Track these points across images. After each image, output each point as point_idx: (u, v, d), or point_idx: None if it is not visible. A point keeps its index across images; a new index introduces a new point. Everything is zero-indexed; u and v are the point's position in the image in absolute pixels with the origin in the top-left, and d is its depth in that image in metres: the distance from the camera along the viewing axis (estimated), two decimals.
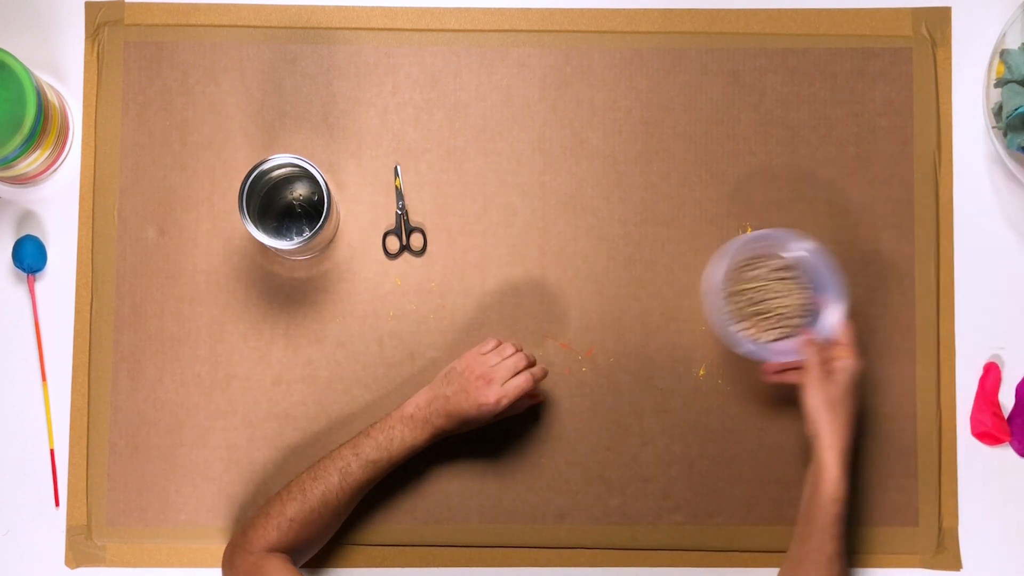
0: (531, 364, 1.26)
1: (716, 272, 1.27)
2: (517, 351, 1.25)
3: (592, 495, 1.34)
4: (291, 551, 1.20)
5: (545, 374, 1.28)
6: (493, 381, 1.22)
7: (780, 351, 1.28)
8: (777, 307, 1.30)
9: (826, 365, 1.24)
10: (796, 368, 1.26)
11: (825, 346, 1.25)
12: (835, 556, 1.20)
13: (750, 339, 1.29)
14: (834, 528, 1.20)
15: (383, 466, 1.23)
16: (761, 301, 1.30)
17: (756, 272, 1.30)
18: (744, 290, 1.30)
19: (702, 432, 1.34)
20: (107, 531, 1.33)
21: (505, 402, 1.22)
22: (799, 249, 1.28)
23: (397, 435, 1.23)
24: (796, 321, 1.30)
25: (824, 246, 1.27)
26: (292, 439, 1.34)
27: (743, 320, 1.30)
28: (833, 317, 1.26)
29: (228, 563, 1.21)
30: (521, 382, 1.23)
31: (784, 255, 1.30)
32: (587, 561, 1.34)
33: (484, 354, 1.25)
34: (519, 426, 1.34)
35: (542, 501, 1.34)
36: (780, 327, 1.30)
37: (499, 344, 1.26)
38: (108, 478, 1.33)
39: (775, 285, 1.30)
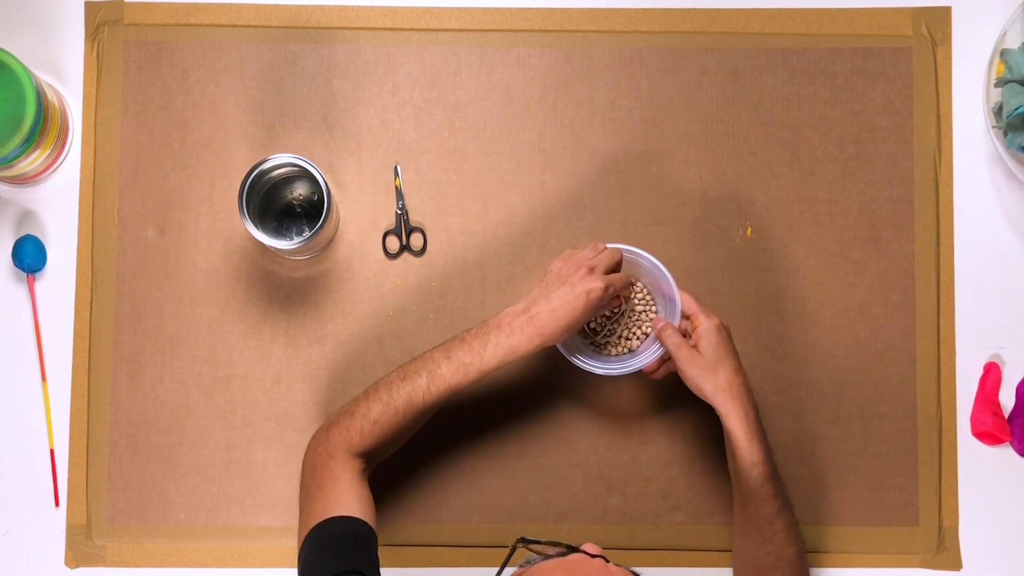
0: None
1: None
2: (613, 252, 1.22)
3: (592, 495, 1.34)
4: (371, 452, 1.18)
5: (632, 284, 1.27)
6: (596, 269, 1.18)
7: (645, 354, 1.26)
8: (623, 316, 1.29)
9: (689, 339, 1.22)
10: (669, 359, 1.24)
11: (680, 325, 1.24)
12: (774, 515, 1.19)
13: (614, 359, 1.28)
14: (764, 490, 1.18)
15: (475, 370, 1.16)
16: (605, 317, 1.29)
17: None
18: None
19: (702, 432, 1.34)
20: (107, 531, 1.33)
21: (612, 290, 1.17)
22: (627, 254, 1.26)
23: (492, 339, 1.16)
24: (645, 320, 1.29)
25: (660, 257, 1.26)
26: (292, 439, 1.33)
27: (595, 344, 1.29)
28: (674, 297, 1.24)
29: (308, 459, 1.20)
30: (624, 275, 1.21)
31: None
32: None
33: (576, 251, 1.22)
34: (519, 426, 1.34)
35: (542, 501, 1.33)
36: (631, 334, 1.29)
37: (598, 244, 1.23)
38: (108, 478, 1.33)
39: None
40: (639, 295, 1.30)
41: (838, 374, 1.35)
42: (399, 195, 1.35)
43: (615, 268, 1.23)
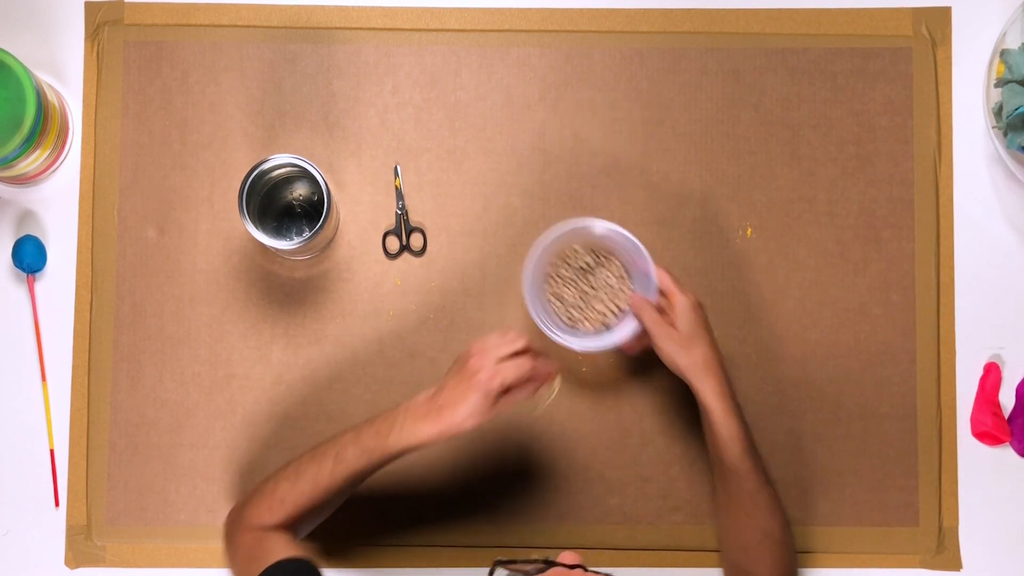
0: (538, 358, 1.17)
1: (530, 278, 1.24)
2: (524, 340, 1.15)
3: (592, 495, 1.34)
4: (287, 528, 1.18)
5: (552, 374, 1.18)
6: (488, 355, 1.12)
7: (621, 330, 1.25)
8: (599, 292, 1.30)
9: (665, 316, 1.21)
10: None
11: (657, 302, 1.22)
12: (755, 490, 1.19)
13: (590, 335, 1.28)
14: (743, 464, 1.18)
15: (378, 456, 1.14)
16: (582, 292, 1.30)
17: (569, 266, 1.29)
18: (562, 286, 1.29)
19: (702, 432, 1.34)
20: (107, 531, 1.33)
21: (498, 381, 1.11)
22: (601, 229, 1.25)
23: (397, 426, 1.13)
24: (621, 297, 1.29)
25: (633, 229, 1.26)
26: (292, 439, 1.34)
27: (571, 318, 1.29)
28: (650, 273, 1.24)
29: (229, 539, 1.19)
30: (521, 363, 1.13)
31: (593, 234, 1.27)
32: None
33: (488, 339, 1.16)
34: (519, 426, 1.34)
35: (542, 501, 1.33)
36: (607, 310, 1.29)
37: (508, 332, 1.16)
38: (108, 478, 1.33)
39: (592, 276, 1.30)
40: (615, 271, 1.30)
41: (838, 374, 1.35)
42: (399, 195, 1.35)
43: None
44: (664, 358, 1.20)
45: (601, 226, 1.25)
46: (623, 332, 1.24)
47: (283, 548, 1.14)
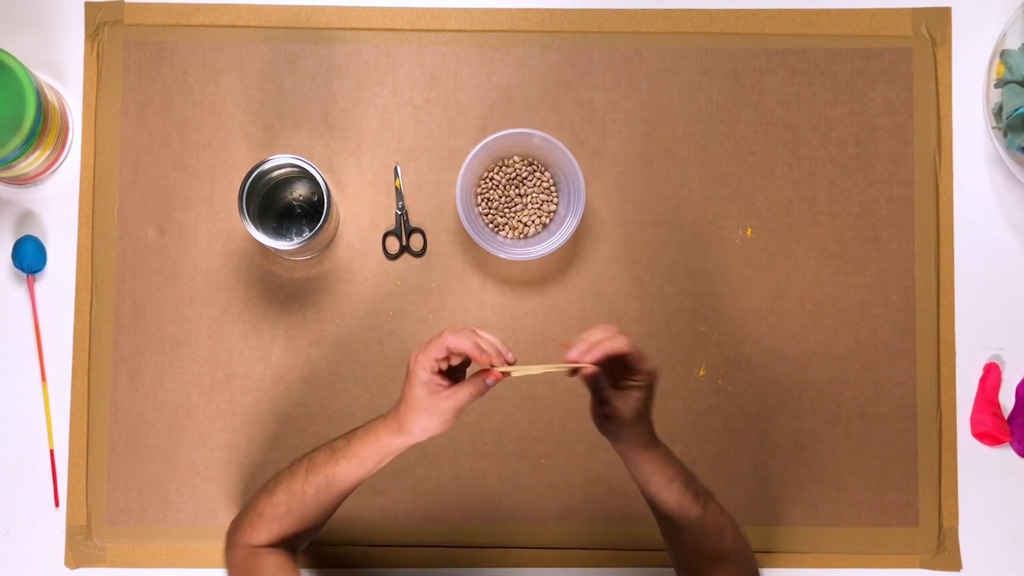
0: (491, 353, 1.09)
1: (463, 176, 1.28)
2: (455, 332, 1.07)
3: (592, 496, 1.34)
4: (275, 544, 1.17)
5: (502, 356, 1.09)
6: (418, 352, 1.08)
7: (541, 245, 1.28)
8: (526, 202, 1.34)
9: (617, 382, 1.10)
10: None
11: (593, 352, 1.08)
12: (701, 516, 1.13)
13: (510, 243, 1.32)
14: (684, 498, 1.13)
15: (343, 455, 1.13)
16: (509, 200, 1.34)
17: (503, 171, 1.34)
18: (491, 188, 1.33)
19: (702, 432, 1.34)
20: (107, 531, 1.33)
21: (425, 362, 1.06)
22: (540, 141, 1.28)
23: (372, 434, 1.12)
24: (545, 211, 1.33)
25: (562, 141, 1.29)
26: (292, 439, 1.34)
27: (495, 223, 1.34)
28: (580, 192, 1.26)
29: (225, 556, 1.20)
30: (441, 339, 1.06)
31: (531, 143, 1.30)
32: (587, 561, 1.34)
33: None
34: (519, 427, 1.34)
35: (542, 501, 1.34)
36: (530, 222, 1.34)
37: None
38: (108, 478, 1.33)
39: (523, 185, 1.34)
40: (545, 184, 1.33)
41: (838, 374, 1.35)
42: (399, 195, 1.35)
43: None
44: (603, 427, 1.11)
45: (540, 137, 1.28)
46: (543, 248, 1.28)
47: (272, 568, 1.14)
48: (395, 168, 1.36)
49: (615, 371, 1.10)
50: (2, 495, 1.33)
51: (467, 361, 1.10)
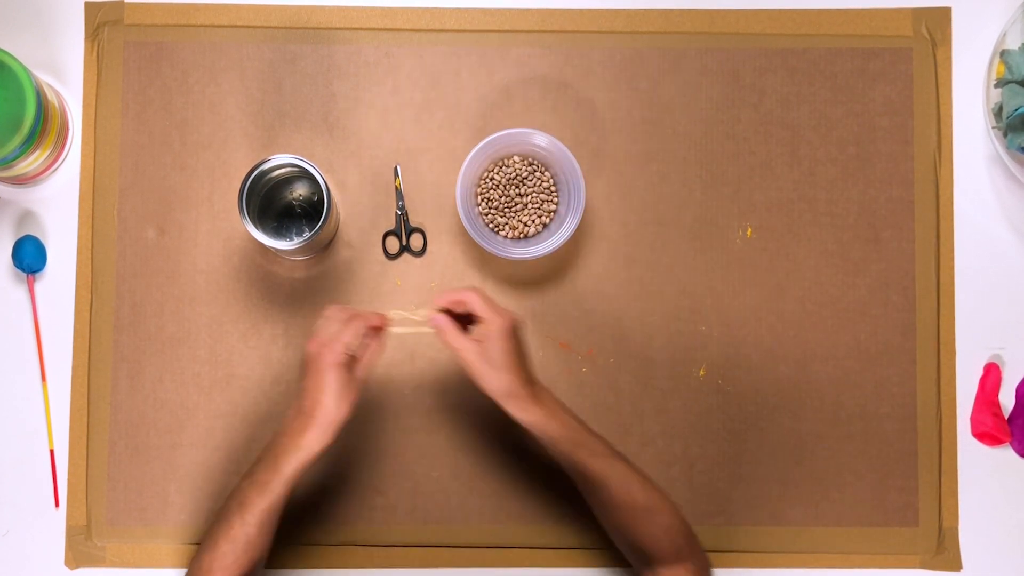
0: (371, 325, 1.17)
1: (464, 176, 1.28)
2: (342, 309, 1.17)
3: None
4: None
5: (385, 320, 1.18)
6: (319, 338, 1.14)
7: (542, 244, 1.29)
8: (526, 202, 1.34)
9: (478, 340, 1.16)
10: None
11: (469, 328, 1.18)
12: (603, 471, 1.17)
13: (510, 242, 1.32)
14: (579, 455, 1.16)
15: (277, 483, 1.14)
16: (509, 200, 1.34)
17: (503, 171, 1.34)
18: (491, 188, 1.33)
19: (702, 432, 1.34)
20: (107, 531, 1.33)
21: (339, 348, 1.13)
22: (540, 141, 1.29)
23: (280, 448, 1.14)
24: (546, 211, 1.34)
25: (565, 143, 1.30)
26: None
27: (495, 223, 1.34)
28: (580, 190, 1.28)
29: None
30: (353, 324, 1.14)
31: (531, 142, 1.31)
32: (587, 561, 1.34)
33: (315, 329, 1.17)
34: (519, 427, 1.34)
35: (542, 502, 1.33)
36: (532, 224, 1.34)
37: (326, 310, 1.18)
38: (108, 478, 1.33)
39: (523, 185, 1.34)
40: (545, 184, 1.33)
41: (838, 374, 1.35)
42: (399, 195, 1.35)
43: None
44: (476, 383, 1.16)
45: (540, 137, 1.28)
46: (544, 247, 1.28)
47: None
48: (395, 168, 1.36)
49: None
50: (2, 495, 1.33)
51: None
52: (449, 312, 1.18)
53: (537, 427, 1.16)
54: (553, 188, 1.34)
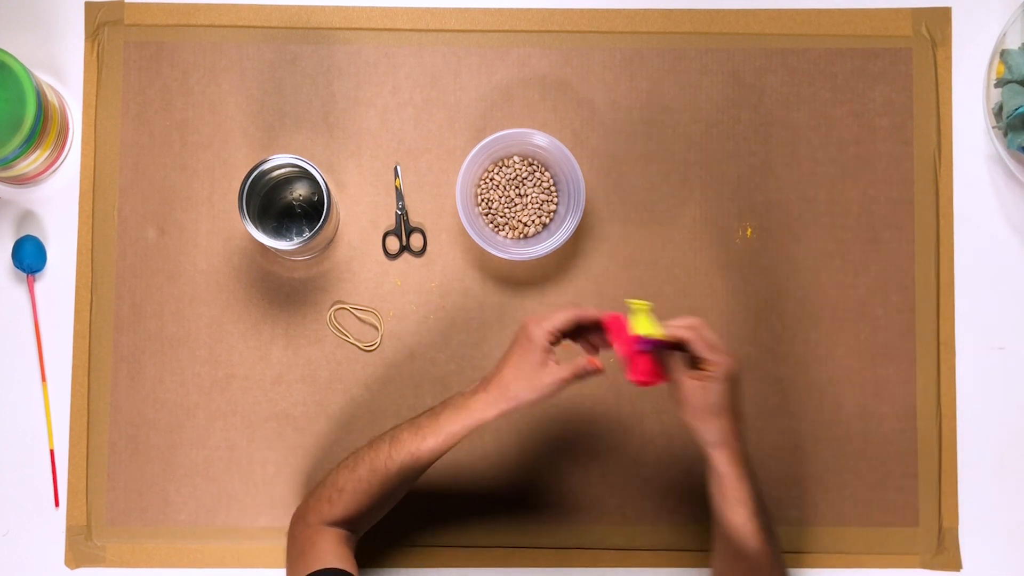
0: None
1: (464, 177, 1.28)
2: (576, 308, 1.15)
3: (592, 496, 1.34)
4: (346, 520, 1.18)
5: (604, 319, 1.14)
6: (537, 317, 1.13)
7: (541, 245, 1.29)
8: (526, 202, 1.34)
9: (696, 368, 1.13)
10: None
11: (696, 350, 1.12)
12: (760, 549, 1.14)
13: (511, 243, 1.32)
14: (751, 525, 1.14)
15: (431, 432, 1.15)
16: (509, 200, 1.34)
17: (503, 171, 1.34)
18: (491, 189, 1.33)
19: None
20: (107, 531, 1.33)
21: (547, 326, 1.12)
22: (540, 141, 1.29)
23: (452, 404, 1.16)
24: (545, 211, 1.34)
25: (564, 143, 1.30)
26: (292, 439, 1.34)
27: (495, 224, 1.34)
28: (580, 193, 1.28)
29: (290, 534, 1.21)
30: (569, 311, 1.13)
31: (531, 142, 1.31)
32: (587, 561, 1.34)
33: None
34: (519, 428, 1.34)
35: (542, 502, 1.33)
36: (532, 224, 1.34)
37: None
38: (108, 478, 1.33)
39: (523, 185, 1.34)
40: (545, 184, 1.33)
41: (838, 374, 1.35)
42: (399, 195, 1.35)
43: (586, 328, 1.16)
44: (685, 419, 1.13)
45: (540, 137, 1.28)
46: (543, 248, 1.28)
47: (330, 551, 1.15)
48: (395, 168, 1.36)
49: (694, 361, 1.13)
50: (2, 495, 1.33)
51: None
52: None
53: (734, 479, 1.13)
54: (553, 188, 1.34)
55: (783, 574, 1.19)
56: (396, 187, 1.35)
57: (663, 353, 1.13)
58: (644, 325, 1.12)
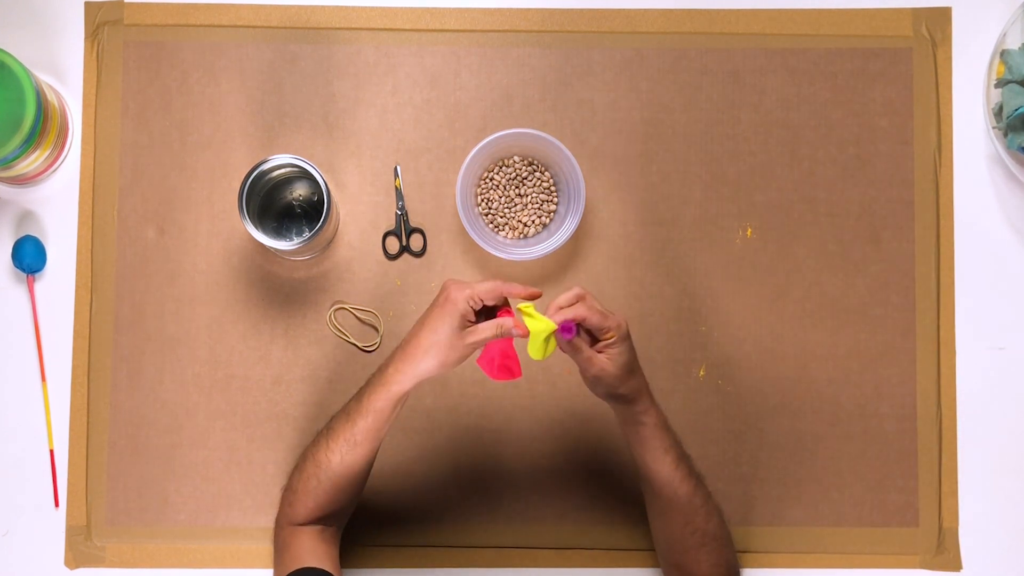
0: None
1: (464, 176, 1.28)
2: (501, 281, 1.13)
3: (592, 495, 1.34)
4: (315, 519, 1.18)
5: (526, 295, 1.13)
6: (461, 282, 1.11)
7: (540, 245, 1.29)
8: (526, 202, 1.34)
9: (598, 345, 1.12)
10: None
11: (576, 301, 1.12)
12: (691, 493, 1.17)
13: (510, 243, 1.32)
14: (678, 472, 1.16)
15: (358, 414, 1.14)
16: (509, 200, 1.34)
17: (503, 171, 1.34)
18: (491, 189, 1.33)
19: (702, 432, 1.34)
20: (107, 531, 1.33)
21: (468, 292, 1.09)
22: (540, 141, 1.29)
23: (373, 379, 1.15)
24: (546, 211, 1.34)
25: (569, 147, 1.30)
26: (292, 439, 1.34)
27: (495, 223, 1.34)
28: (580, 193, 1.28)
29: (273, 538, 1.22)
30: (495, 284, 1.10)
31: (531, 142, 1.31)
32: (587, 561, 1.34)
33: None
34: (519, 427, 1.34)
35: (542, 502, 1.33)
36: (532, 224, 1.34)
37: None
38: (108, 478, 1.33)
39: (523, 185, 1.34)
40: (545, 184, 1.34)
41: (838, 374, 1.35)
42: (399, 196, 1.35)
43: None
44: (602, 391, 1.14)
45: (540, 137, 1.29)
46: (543, 248, 1.28)
47: (306, 549, 1.16)
48: (395, 168, 1.36)
49: (591, 333, 1.13)
50: (2, 495, 1.33)
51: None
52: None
53: (657, 428, 1.16)
54: (553, 188, 1.34)
55: (718, 514, 1.21)
56: (396, 187, 1.35)
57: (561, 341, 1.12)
58: (534, 327, 1.10)
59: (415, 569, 1.33)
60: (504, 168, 1.33)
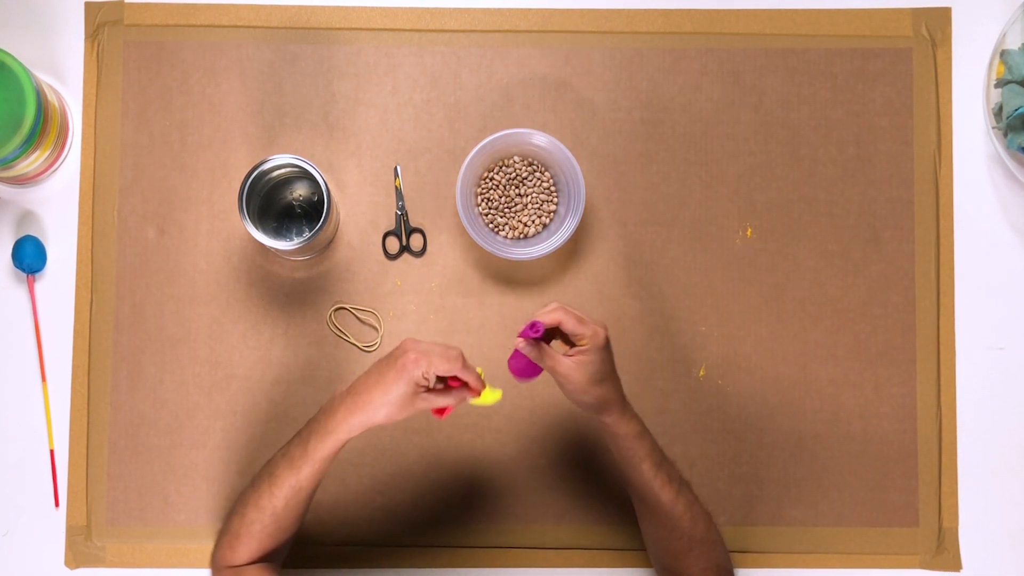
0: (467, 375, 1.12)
1: (464, 175, 1.28)
2: (460, 355, 1.11)
3: (592, 496, 1.34)
4: (256, 560, 1.18)
5: (476, 388, 1.13)
6: (420, 347, 1.09)
7: (540, 245, 1.29)
8: (526, 202, 1.34)
9: (567, 352, 1.12)
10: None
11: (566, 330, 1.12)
12: (674, 499, 1.17)
13: (510, 243, 1.33)
14: (658, 478, 1.16)
15: (304, 461, 1.13)
16: (509, 200, 1.34)
17: (503, 171, 1.34)
18: (491, 188, 1.34)
19: (702, 432, 1.34)
20: (107, 531, 1.33)
21: (424, 364, 1.07)
22: (541, 140, 1.29)
23: (316, 426, 1.13)
24: (545, 211, 1.34)
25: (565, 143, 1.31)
26: None
27: (495, 223, 1.34)
28: (580, 194, 1.28)
29: None
30: (451, 356, 1.09)
31: (531, 142, 1.31)
32: (587, 561, 1.34)
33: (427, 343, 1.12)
34: (519, 426, 1.34)
35: (542, 502, 1.34)
36: (532, 224, 1.34)
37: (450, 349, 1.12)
38: (108, 478, 1.33)
39: (523, 186, 1.34)
40: (545, 184, 1.34)
41: (838, 374, 1.35)
42: (399, 196, 1.35)
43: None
44: (574, 397, 1.14)
45: (540, 137, 1.28)
46: (543, 248, 1.28)
47: None
48: (395, 168, 1.36)
49: (567, 342, 1.14)
50: (2, 495, 1.33)
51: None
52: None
53: (631, 439, 1.15)
54: (553, 188, 1.34)
55: (704, 518, 1.21)
56: (396, 187, 1.35)
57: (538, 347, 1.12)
58: (487, 398, 1.13)
59: (415, 569, 1.33)
60: (504, 168, 1.33)
